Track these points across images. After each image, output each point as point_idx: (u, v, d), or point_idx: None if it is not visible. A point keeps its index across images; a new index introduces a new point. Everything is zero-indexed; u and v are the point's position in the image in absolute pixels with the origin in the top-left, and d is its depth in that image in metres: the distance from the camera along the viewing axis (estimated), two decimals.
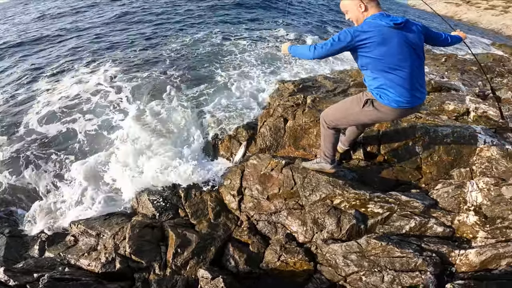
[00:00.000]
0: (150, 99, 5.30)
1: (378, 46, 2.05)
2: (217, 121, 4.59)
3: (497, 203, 2.40)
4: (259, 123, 4.06)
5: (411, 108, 2.28)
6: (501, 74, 8.07)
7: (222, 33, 9.59)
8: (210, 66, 6.78)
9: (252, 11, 13.23)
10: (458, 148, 3.13)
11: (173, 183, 3.65)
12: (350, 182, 2.87)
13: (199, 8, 13.41)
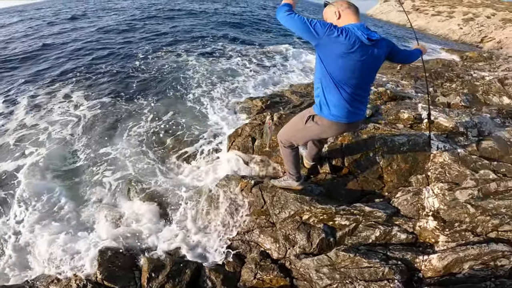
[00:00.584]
0: (110, 135, 5.01)
1: (338, 56, 2.00)
2: (184, 143, 4.54)
3: (453, 207, 2.52)
4: (228, 143, 4.07)
5: (349, 123, 2.30)
6: (451, 79, 8.57)
7: (185, 50, 9.65)
8: (176, 87, 6.71)
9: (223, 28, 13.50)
10: (414, 155, 3.29)
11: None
12: (317, 197, 2.92)
13: (160, 26, 13.51)
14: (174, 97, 6.18)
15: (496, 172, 2.77)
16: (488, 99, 5.87)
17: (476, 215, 2.37)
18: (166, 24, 13.79)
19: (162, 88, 6.62)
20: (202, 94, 6.19)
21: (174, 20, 14.89)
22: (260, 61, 8.88)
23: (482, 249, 2.11)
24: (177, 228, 3.22)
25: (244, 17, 17.22)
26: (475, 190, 2.48)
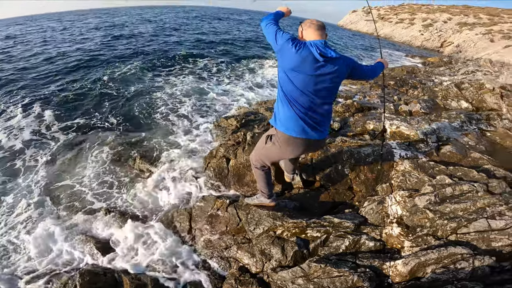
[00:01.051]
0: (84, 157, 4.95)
1: (290, 69, 2.08)
2: (157, 165, 4.54)
3: (414, 213, 2.67)
4: (204, 165, 4.12)
5: (306, 140, 2.30)
6: (414, 86, 8.97)
7: (155, 69, 9.74)
8: (146, 108, 6.69)
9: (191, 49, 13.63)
10: (379, 165, 3.45)
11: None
12: (289, 212, 3.01)
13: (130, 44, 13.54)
14: (144, 118, 6.19)
15: (452, 176, 2.94)
16: (447, 104, 6.19)
17: (435, 220, 2.51)
18: (137, 44, 13.93)
19: (132, 110, 6.62)
20: (173, 114, 6.23)
21: (144, 39, 15.04)
22: (232, 78, 9.04)
23: (441, 253, 2.22)
24: (156, 248, 3.24)
25: (216, 35, 17.48)
26: (432, 195, 2.63)
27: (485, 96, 6.08)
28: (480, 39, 35.37)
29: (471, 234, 2.33)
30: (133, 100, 7.10)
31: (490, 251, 2.28)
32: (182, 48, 13.12)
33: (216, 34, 17.91)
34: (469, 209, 2.46)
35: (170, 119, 6.00)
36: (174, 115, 6.17)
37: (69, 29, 19.82)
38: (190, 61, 10.97)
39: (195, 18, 29.60)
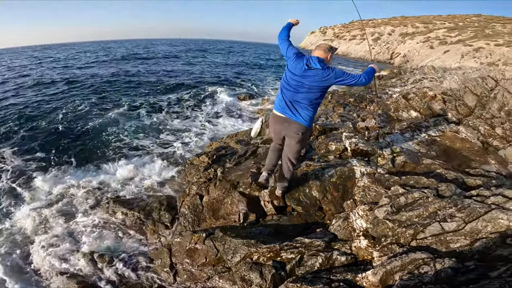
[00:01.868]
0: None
1: (287, 69, 3.04)
2: (139, 209, 4.54)
3: (376, 225, 2.84)
4: (179, 203, 4.17)
5: (282, 116, 3.10)
6: (371, 100, 9.48)
7: (116, 105, 9.77)
8: (108, 145, 6.67)
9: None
10: (343, 183, 3.66)
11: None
12: (263, 238, 3.12)
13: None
14: (105, 158, 6.18)
15: (405, 185, 3.17)
16: (399, 116, 6.63)
17: (395, 229, 2.69)
18: (98, 79, 13.86)
19: (93, 149, 6.61)
20: (138, 151, 6.25)
21: (103, 75, 15.02)
22: (197, 111, 9.13)
23: (403, 260, 2.36)
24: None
25: (174, 69, 17.59)
26: (388, 206, 2.83)
27: (430, 104, 6.59)
28: (422, 47, 38.15)
29: (428, 238, 2.50)
30: (89, 137, 7.03)
31: (450, 253, 2.39)
32: (141, 84, 13.17)
33: (175, 69, 18.12)
34: (422, 215, 2.66)
35: (137, 158, 6.03)
36: (150, 160, 6.17)
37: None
38: (152, 94, 10.98)
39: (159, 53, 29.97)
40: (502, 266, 2.13)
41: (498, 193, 2.81)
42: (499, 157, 5.05)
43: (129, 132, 7.26)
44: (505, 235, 2.34)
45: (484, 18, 51.32)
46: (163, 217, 4.27)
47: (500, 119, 5.91)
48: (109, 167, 5.78)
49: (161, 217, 4.28)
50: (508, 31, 37.26)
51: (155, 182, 5.11)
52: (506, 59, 25.89)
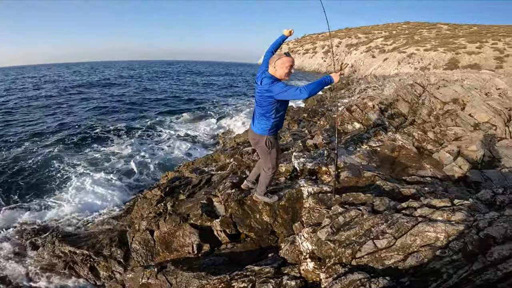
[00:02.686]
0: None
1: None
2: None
3: (320, 246, 2.86)
4: (129, 239, 3.97)
5: (249, 128, 3.39)
6: (323, 114, 9.76)
7: (58, 140, 9.19)
8: (49, 182, 6.28)
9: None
10: (292, 205, 3.68)
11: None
12: (214, 269, 3.04)
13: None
14: (49, 194, 5.83)
15: (345, 203, 3.26)
16: (345, 128, 6.88)
17: (336, 249, 2.73)
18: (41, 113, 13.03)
19: (37, 184, 6.23)
20: (86, 185, 5.91)
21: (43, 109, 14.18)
22: (149, 141, 8.78)
23: (342, 282, 2.36)
24: None
25: (121, 99, 16.93)
26: (329, 227, 2.87)
27: (369, 114, 6.93)
28: (365, 57, 40.61)
29: (364, 257, 2.55)
30: (30, 173, 6.60)
31: (386, 270, 2.41)
32: (83, 114, 12.60)
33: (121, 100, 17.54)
34: (359, 233, 2.73)
35: (77, 191, 5.70)
36: (88, 191, 5.85)
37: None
38: (98, 127, 10.44)
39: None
40: (433, 282, 2.19)
41: (426, 203, 2.96)
42: (433, 160, 5.38)
43: (74, 165, 6.86)
44: (435, 247, 2.43)
45: (412, 25, 55.87)
46: (115, 253, 4.03)
47: (431, 123, 6.34)
48: (54, 204, 5.42)
49: (112, 253, 4.03)
50: (433, 36, 40.84)
51: (105, 218, 4.84)
52: (435, 63, 28.25)
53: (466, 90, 6.60)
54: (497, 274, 2.07)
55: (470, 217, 2.55)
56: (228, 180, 4.11)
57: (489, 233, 2.37)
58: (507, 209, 2.51)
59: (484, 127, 5.61)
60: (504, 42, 29.71)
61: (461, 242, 2.38)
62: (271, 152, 3.30)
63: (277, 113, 3.12)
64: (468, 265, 2.22)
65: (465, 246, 2.35)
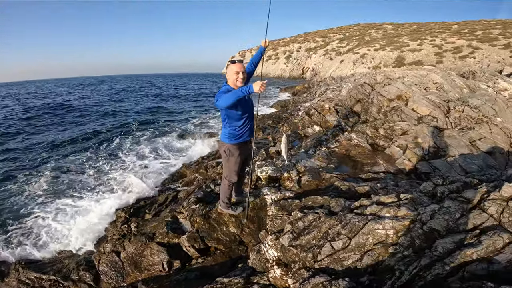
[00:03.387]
0: None
1: None
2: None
3: (284, 252, 2.90)
4: (95, 262, 3.78)
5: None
6: (286, 119, 9.90)
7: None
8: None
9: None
10: (257, 214, 3.70)
11: None
12: (184, 285, 2.99)
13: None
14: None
15: (304, 208, 3.33)
16: (306, 132, 7.05)
17: (299, 254, 2.77)
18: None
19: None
20: (48, 209, 5.62)
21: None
22: (110, 163, 8.36)
23: (306, 286, 2.43)
24: None
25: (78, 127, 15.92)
26: (290, 233, 2.92)
27: (326, 117, 7.16)
28: (324, 60, 42.16)
29: (325, 260, 2.61)
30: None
31: (346, 270, 2.47)
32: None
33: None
34: (317, 237, 2.80)
35: (38, 217, 5.40)
36: (62, 216, 5.51)
37: None
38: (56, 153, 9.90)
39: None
40: (388, 280, 2.27)
41: (375, 200, 3.11)
42: (386, 155, 5.65)
43: (35, 195, 6.46)
44: (387, 244, 2.54)
45: (362, 27, 58.79)
46: (83, 276, 3.81)
47: (381, 120, 6.67)
48: (13, 234, 5.08)
49: (81, 277, 3.81)
50: (381, 36, 43.20)
51: (68, 243, 4.59)
52: (385, 62, 29.88)
53: (407, 86, 7.03)
54: (445, 268, 2.16)
55: (414, 211, 2.70)
56: (193, 195, 4.06)
57: (432, 226, 2.52)
58: (446, 201, 2.68)
59: (427, 120, 6.00)
60: (441, 38, 32.08)
61: (409, 237, 2.50)
62: (229, 160, 3.29)
63: (231, 122, 3.11)
64: (417, 260, 2.31)
65: (413, 241, 2.48)
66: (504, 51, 25.80)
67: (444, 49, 29.60)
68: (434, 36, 33.41)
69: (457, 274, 2.11)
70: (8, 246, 4.78)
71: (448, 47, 29.60)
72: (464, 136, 5.45)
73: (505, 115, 6.09)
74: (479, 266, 2.10)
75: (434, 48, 30.39)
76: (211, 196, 4.26)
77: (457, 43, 29.92)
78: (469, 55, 26.75)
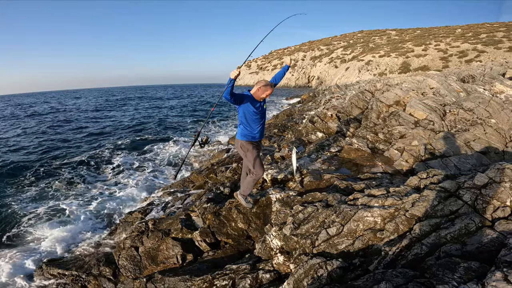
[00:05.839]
0: None
1: None
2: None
3: (287, 241, 3.30)
4: (115, 257, 4.20)
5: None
6: (291, 127, 10.32)
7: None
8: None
9: None
10: (263, 211, 4.12)
11: None
12: (196, 272, 3.38)
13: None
14: (30, 225, 5.94)
15: (304, 203, 3.75)
16: (309, 139, 7.47)
17: (299, 242, 3.18)
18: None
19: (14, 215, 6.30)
20: (68, 211, 6.09)
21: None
22: (126, 171, 9.01)
23: (304, 267, 2.77)
24: None
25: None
26: (291, 224, 3.34)
27: (329, 123, 7.58)
28: (329, 68, 42.84)
29: (321, 245, 3.01)
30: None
31: (340, 253, 2.83)
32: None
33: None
34: (315, 225, 3.20)
35: (60, 219, 5.91)
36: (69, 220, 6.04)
37: None
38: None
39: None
40: (375, 260, 2.63)
41: (367, 193, 3.51)
42: (385, 158, 6.03)
43: (57, 191, 7.02)
44: (375, 230, 2.93)
45: (366, 34, 59.48)
46: (103, 271, 4.22)
47: (380, 125, 7.05)
48: (36, 234, 5.59)
49: (101, 272, 4.23)
50: (385, 42, 43.67)
51: (89, 243, 5.05)
52: (390, 68, 30.25)
53: (405, 92, 7.41)
54: (423, 248, 2.51)
55: (399, 200, 3.10)
56: (204, 196, 4.51)
57: (414, 213, 2.90)
58: (425, 190, 3.07)
59: (423, 123, 6.36)
60: (445, 43, 32.38)
61: (394, 223, 2.89)
62: (246, 154, 3.81)
63: (248, 124, 3.69)
64: (400, 242, 2.68)
65: (397, 227, 2.86)
66: (510, 54, 25.95)
67: (450, 54, 29.88)
68: (439, 41, 33.77)
69: (434, 254, 2.48)
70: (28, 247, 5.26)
71: (453, 51, 29.88)
72: (459, 138, 5.79)
73: (499, 117, 6.42)
74: (453, 247, 2.45)
75: (439, 53, 30.70)
76: (220, 197, 4.71)
77: (462, 47, 30.18)
78: (475, 59, 26.98)
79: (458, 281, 1.95)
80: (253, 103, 3.60)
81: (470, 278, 1.97)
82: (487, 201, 2.77)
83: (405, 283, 2.09)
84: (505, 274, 1.80)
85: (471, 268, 2.07)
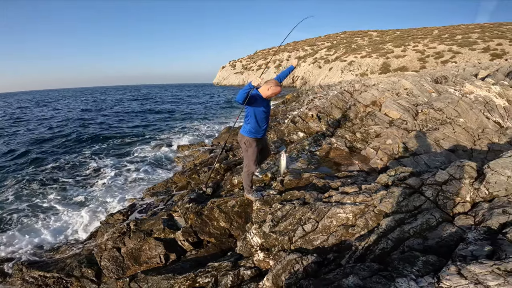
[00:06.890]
0: None
1: None
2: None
3: (266, 238, 3.44)
4: (97, 258, 4.22)
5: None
6: (274, 127, 10.48)
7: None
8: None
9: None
10: (244, 210, 4.26)
11: None
12: (179, 270, 3.47)
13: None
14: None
15: (283, 201, 3.91)
16: (291, 139, 7.66)
17: (278, 238, 3.33)
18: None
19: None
20: (48, 215, 6.01)
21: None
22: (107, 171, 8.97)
23: (282, 262, 2.89)
24: None
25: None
26: (270, 221, 3.49)
27: (309, 123, 7.80)
28: (313, 68, 43.47)
29: (298, 241, 3.17)
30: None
31: (316, 249, 2.98)
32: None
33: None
34: (292, 222, 3.37)
35: (39, 224, 5.87)
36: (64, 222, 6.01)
37: None
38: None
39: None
40: (347, 254, 2.79)
41: (340, 191, 3.71)
42: (362, 156, 6.29)
43: (36, 193, 6.94)
44: (347, 226, 3.12)
45: (349, 34, 60.62)
46: (86, 273, 4.22)
47: (358, 125, 7.34)
48: (15, 237, 5.53)
49: (83, 273, 4.23)
50: (367, 43, 44.71)
51: (70, 245, 5.03)
52: (371, 69, 31.03)
53: (381, 92, 7.73)
54: (388, 243, 2.68)
55: (369, 197, 3.31)
56: (186, 196, 4.60)
57: (381, 209, 3.11)
58: (392, 187, 3.29)
59: (397, 123, 6.67)
60: (423, 44, 33.49)
61: (364, 219, 3.08)
62: (248, 150, 3.98)
63: (255, 121, 3.82)
64: (368, 237, 2.85)
65: (367, 222, 3.06)
66: (484, 55, 27.16)
67: (427, 55, 30.94)
68: (417, 42, 34.90)
69: (398, 249, 2.67)
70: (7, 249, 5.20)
71: (430, 52, 30.96)
72: (430, 136, 6.12)
73: (468, 116, 6.81)
74: (416, 242, 2.65)
75: (417, 54, 31.74)
76: (203, 197, 4.81)
77: (438, 48, 31.31)
78: (450, 60, 28.05)
79: (416, 274, 2.12)
80: (263, 102, 3.79)
81: (428, 272, 2.13)
82: (447, 196, 3.01)
83: (369, 276, 2.27)
84: (459, 268, 1.91)
85: (429, 262, 2.24)
